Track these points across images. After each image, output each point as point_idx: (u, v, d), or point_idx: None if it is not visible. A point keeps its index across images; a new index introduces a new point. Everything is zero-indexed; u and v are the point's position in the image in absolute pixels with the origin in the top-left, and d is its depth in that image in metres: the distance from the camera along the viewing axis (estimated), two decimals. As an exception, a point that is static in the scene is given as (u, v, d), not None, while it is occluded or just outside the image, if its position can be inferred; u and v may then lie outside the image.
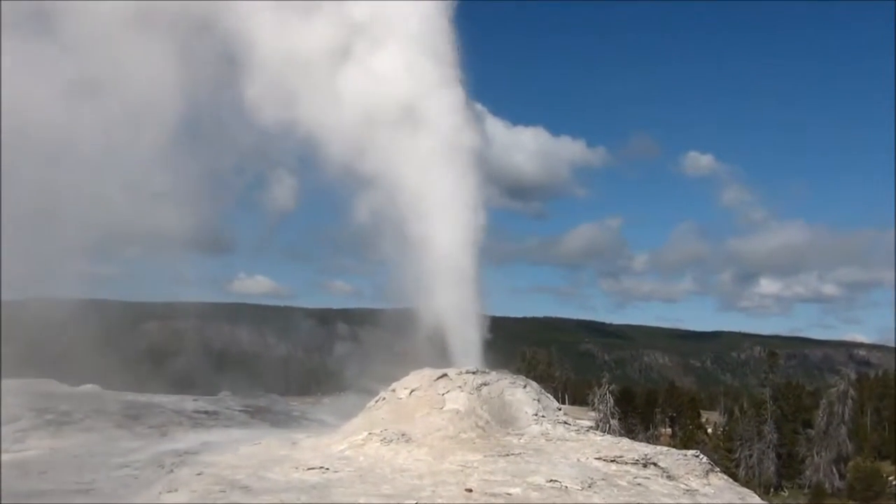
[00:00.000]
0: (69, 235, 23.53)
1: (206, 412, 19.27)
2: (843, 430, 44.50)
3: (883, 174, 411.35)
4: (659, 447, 13.79)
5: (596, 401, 47.17)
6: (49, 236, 23.27)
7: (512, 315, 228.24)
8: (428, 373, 14.59)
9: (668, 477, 11.29)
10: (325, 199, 23.35)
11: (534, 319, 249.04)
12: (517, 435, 12.96)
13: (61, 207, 23.01)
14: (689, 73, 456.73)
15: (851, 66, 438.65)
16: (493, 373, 14.80)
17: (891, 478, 41.16)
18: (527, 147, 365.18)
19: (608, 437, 15.69)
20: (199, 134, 24.01)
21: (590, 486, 10.02)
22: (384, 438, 12.36)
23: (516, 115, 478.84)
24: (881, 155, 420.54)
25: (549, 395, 15.75)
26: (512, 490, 9.71)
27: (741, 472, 42.44)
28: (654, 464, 11.67)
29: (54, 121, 21.95)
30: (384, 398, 14.42)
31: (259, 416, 20.14)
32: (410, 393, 14.10)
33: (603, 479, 10.44)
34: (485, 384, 14.16)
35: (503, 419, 13.55)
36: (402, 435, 12.41)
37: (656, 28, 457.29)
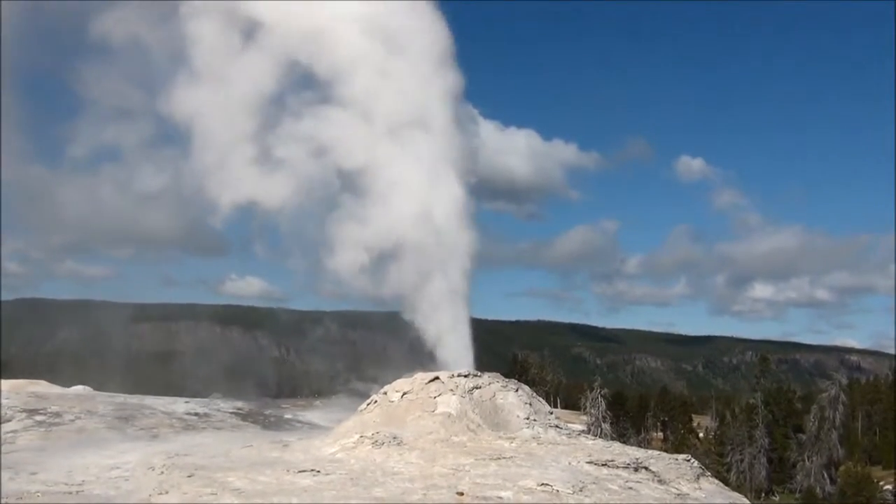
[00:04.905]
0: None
1: (197, 414, 19.30)
2: (835, 434, 44.65)
3: (875, 179, 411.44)
4: (650, 451, 13.81)
5: (588, 404, 47.26)
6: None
7: (504, 318, 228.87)
8: (419, 376, 14.61)
9: (660, 481, 11.32)
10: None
11: (526, 323, 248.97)
12: (509, 438, 12.97)
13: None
14: (682, 76, 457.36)
15: (847, 70, 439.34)
16: (485, 376, 14.80)
17: (881, 482, 41.29)
18: (519, 149, 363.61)
19: (599, 441, 15.74)
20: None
21: (581, 490, 10.03)
22: (376, 441, 12.36)
23: (508, 116, 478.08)
24: (874, 159, 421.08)
25: (540, 398, 15.79)
26: (503, 494, 9.71)
27: (732, 477, 42.52)
28: (646, 468, 11.70)
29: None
30: (376, 401, 14.43)
31: (250, 418, 20.16)
32: (402, 396, 14.12)
33: (594, 483, 10.46)
34: (476, 387, 14.18)
35: (495, 423, 13.57)
36: (394, 438, 12.43)
37: (648, 31, 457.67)
